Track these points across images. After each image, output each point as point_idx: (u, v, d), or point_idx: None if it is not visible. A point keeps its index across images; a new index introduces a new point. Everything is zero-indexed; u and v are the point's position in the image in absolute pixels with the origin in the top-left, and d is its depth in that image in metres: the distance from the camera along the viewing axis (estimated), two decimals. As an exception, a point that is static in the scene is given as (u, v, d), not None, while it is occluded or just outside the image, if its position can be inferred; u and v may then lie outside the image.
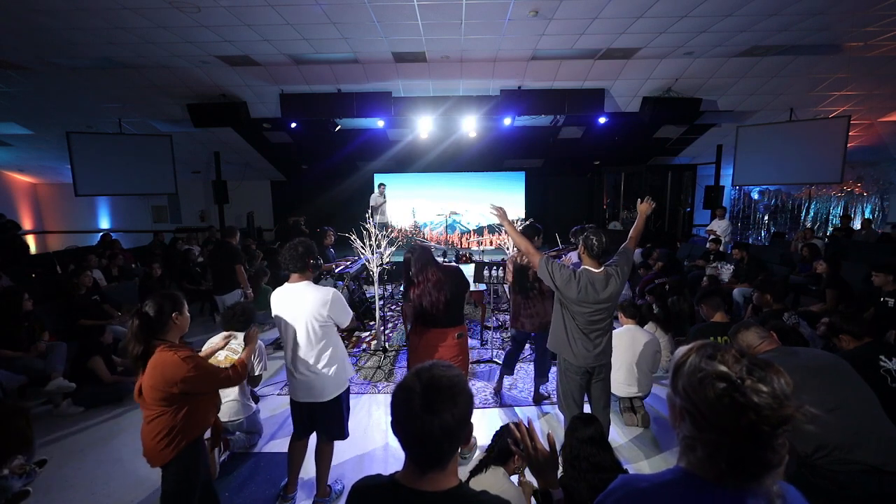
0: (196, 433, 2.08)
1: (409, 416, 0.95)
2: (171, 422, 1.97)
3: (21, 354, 4.00)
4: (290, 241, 2.54)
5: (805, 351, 2.22)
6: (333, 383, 2.53)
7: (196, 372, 1.96)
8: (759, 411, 0.76)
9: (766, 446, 0.77)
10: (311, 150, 10.38)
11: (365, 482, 1.09)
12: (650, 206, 2.92)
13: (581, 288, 2.50)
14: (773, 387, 0.78)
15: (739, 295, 5.51)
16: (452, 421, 0.94)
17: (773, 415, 0.76)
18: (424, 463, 0.99)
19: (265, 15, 4.69)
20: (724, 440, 0.80)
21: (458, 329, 2.91)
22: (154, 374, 1.92)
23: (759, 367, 0.81)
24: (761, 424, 0.76)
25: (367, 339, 5.50)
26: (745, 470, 0.79)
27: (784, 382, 0.79)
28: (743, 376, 0.79)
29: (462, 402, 0.97)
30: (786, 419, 0.76)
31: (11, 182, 11.79)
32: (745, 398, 0.77)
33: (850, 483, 1.79)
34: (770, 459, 0.77)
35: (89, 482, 3.01)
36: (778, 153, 7.67)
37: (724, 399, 0.79)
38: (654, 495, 0.88)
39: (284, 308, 2.47)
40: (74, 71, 6.16)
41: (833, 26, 5.08)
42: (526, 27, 5.07)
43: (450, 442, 0.96)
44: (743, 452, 0.79)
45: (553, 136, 9.96)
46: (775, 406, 0.76)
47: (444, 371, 1.00)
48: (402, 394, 0.98)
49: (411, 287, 2.89)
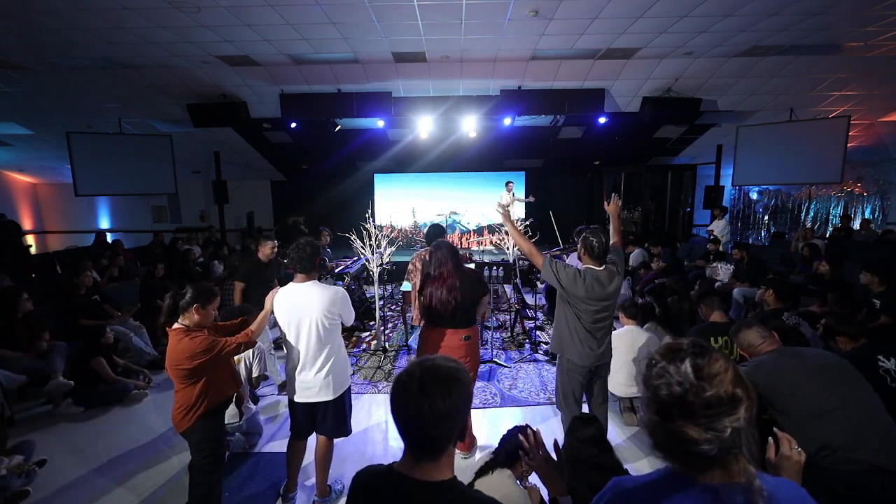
0: (211, 404, 2.32)
1: (404, 395, 1.01)
2: (190, 395, 2.26)
3: (21, 355, 4.00)
4: (294, 241, 2.54)
5: (807, 351, 2.22)
6: (339, 381, 2.54)
7: (202, 346, 2.21)
8: (653, 387, 0.86)
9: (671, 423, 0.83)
10: (311, 150, 10.37)
11: (366, 470, 1.15)
12: (617, 204, 2.88)
13: (588, 285, 2.52)
14: (678, 367, 0.84)
15: (739, 295, 5.50)
16: (443, 407, 0.98)
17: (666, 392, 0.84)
18: (418, 450, 1.04)
19: (265, 15, 4.69)
20: (645, 415, 0.90)
21: (466, 331, 2.90)
22: (171, 355, 2.23)
23: (691, 353, 0.86)
24: (654, 400, 0.86)
25: (367, 339, 5.50)
26: (666, 447, 0.86)
27: (695, 367, 0.84)
28: (662, 359, 0.88)
29: (456, 394, 1.00)
30: (679, 399, 0.82)
31: (11, 182, 11.79)
32: (650, 377, 0.88)
33: (854, 483, 1.79)
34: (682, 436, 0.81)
35: (89, 482, 3.01)
36: (778, 153, 7.66)
37: (644, 377, 0.91)
38: (640, 494, 0.93)
39: (290, 308, 2.45)
40: (74, 71, 6.15)
41: (833, 26, 5.08)
42: (526, 27, 5.06)
43: (439, 428, 1.00)
44: (654, 426, 0.86)
45: (553, 136, 9.95)
46: (668, 384, 0.84)
47: (445, 362, 1.06)
48: (402, 376, 1.05)
49: (428, 282, 2.88)
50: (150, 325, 5.15)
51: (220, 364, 2.36)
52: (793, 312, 3.89)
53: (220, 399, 2.40)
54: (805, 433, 1.90)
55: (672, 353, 0.88)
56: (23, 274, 6.33)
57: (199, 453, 2.34)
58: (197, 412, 2.27)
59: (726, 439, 0.79)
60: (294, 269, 2.48)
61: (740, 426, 0.80)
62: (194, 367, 2.20)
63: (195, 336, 2.23)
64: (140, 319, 5.23)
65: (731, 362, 0.86)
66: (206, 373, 2.27)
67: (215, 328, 2.50)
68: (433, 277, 2.86)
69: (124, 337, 4.76)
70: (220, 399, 2.39)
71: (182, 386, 2.27)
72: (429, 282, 2.88)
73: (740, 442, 0.80)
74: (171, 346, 2.24)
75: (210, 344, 2.24)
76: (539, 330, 5.71)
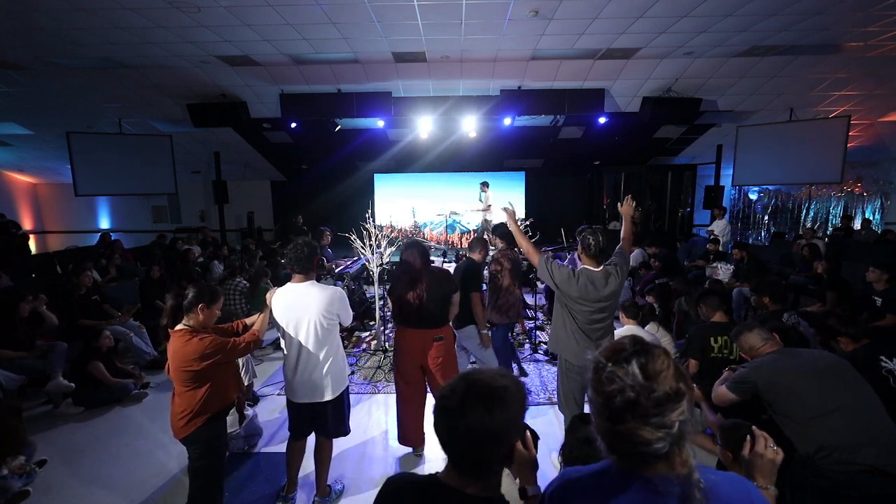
0: (215, 408, 2.23)
1: (441, 410, 0.97)
2: (193, 400, 2.16)
3: (23, 355, 4.00)
4: (293, 240, 2.53)
5: (807, 352, 2.21)
6: (338, 380, 2.54)
7: (212, 347, 2.14)
8: (604, 392, 0.85)
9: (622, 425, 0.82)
10: (311, 150, 10.38)
11: (399, 476, 1.12)
12: (631, 206, 2.86)
13: (581, 286, 2.52)
14: (626, 370, 0.84)
15: (739, 295, 5.50)
16: (480, 427, 0.92)
17: (617, 396, 0.83)
18: (458, 463, 0.99)
19: (265, 15, 4.69)
20: (596, 420, 0.89)
21: (437, 331, 2.90)
22: (175, 357, 2.14)
23: (634, 353, 0.86)
24: (607, 405, 0.84)
25: (367, 339, 5.50)
26: (618, 449, 0.86)
27: (641, 367, 0.83)
28: (608, 362, 0.87)
29: (498, 415, 0.93)
30: (630, 401, 0.82)
31: (11, 182, 11.79)
32: (598, 381, 0.87)
33: (851, 484, 1.79)
34: (633, 439, 0.81)
35: (89, 482, 3.01)
36: (778, 153, 7.66)
37: (591, 382, 0.89)
38: (582, 484, 0.96)
39: (288, 308, 2.44)
40: (74, 71, 6.15)
41: (833, 26, 5.08)
42: (526, 27, 5.06)
43: (478, 450, 0.95)
44: (606, 431, 0.86)
45: (553, 136, 9.95)
46: (620, 388, 0.83)
47: (492, 379, 0.98)
48: (446, 388, 1.00)
49: (395, 283, 2.91)
50: (150, 326, 5.14)
51: (227, 367, 2.30)
52: (792, 312, 3.89)
53: (224, 404, 2.32)
54: (804, 434, 1.90)
55: (616, 354, 0.87)
56: (23, 274, 6.33)
57: (201, 460, 2.24)
58: (200, 418, 2.17)
59: (675, 434, 0.81)
60: (292, 269, 2.47)
61: (686, 418, 0.82)
62: (202, 368, 2.12)
63: (203, 337, 2.14)
64: (140, 319, 5.23)
65: (670, 357, 0.87)
66: (213, 376, 2.18)
67: (214, 330, 2.43)
68: (400, 277, 2.87)
69: (124, 337, 4.76)
70: (224, 404, 2.31)
71: (185, 389, 2.16)
72: (397, 282, 2.89)
73: (685, 433, 0.83)
74: (175, 347, 2.14)
75: (220, 344, 2.16)
76: (539, 330, 5.70)
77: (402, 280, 2.88)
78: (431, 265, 3.03)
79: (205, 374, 2.15)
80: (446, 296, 2.92)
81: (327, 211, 11.82)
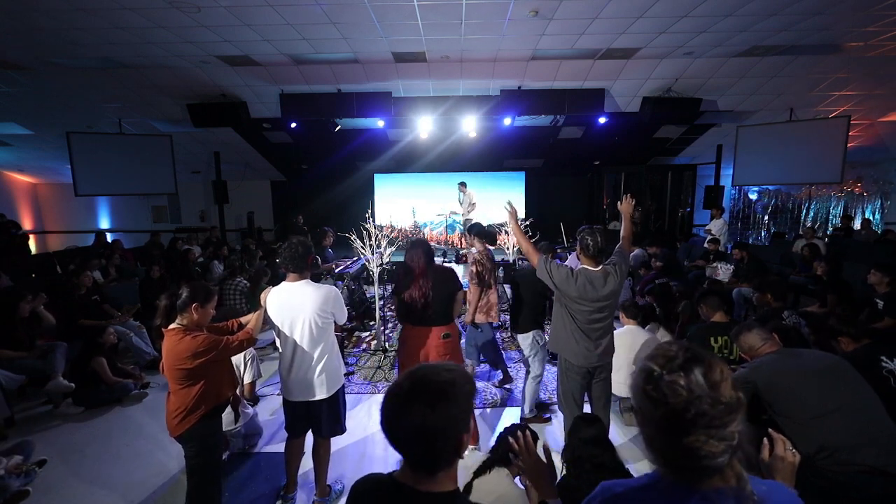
0: (210, 406, 2.25)
1: (387, 406, 0.97)
2: (187, 398, 2.18)
3: (23, 355, 4.00)
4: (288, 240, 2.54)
5: (807, 353, 2.21)
6: (333, 379, 2.54)
7: (205, 345, 2.16)
8: (667, 403, 0.79)
9: (688, 438, 0.78)
10: (311, 150, 10.37)
11: (365, 478, 1.11)
12: (630, 204, 2.84)
13: (579, 286, 2.52)
14: (690, 379, 0.79)
15: (739, 295, 5.50)
16: (422, 424, 0.91)
17: (686, 407, 0.78)
18: (411, 461, 0.99)
19: (265, 15, 4.69)
20: (652, 432, 0.83)
21: (444, 329, 2.91)
22: (168, 355, 2.17)
23: (689, 360, 0.82)
24: (673, 416, 0.79)
25: (367, 339, 5.50)
26: (680, 464, 0.81)
27: (704, 376, 0.79)
28: (662, 370, 0.81)
29: (441, 411, 0.92)
30: (700, 413, 0.77)
31: (11, 182, 11.79)
32: (658, 391, 0.81)
33: (851, 484, 1.79)
34: (700, 453, 0.77)
35: (89, 482, 3.01)
36: (778, 153, 7.66)
37: (644, 392, 0.83)
38: (629, 499, 0.91)
39: (284, 307, 2.45)
40: (74, 71, 6.15)
41: (833, 26, 5.08)
42: (526, 27, 5.06)
43: (423, 446, 0.94)
44: (668, 444, 0.81)
45: (553, 137, 9.95)
46: (688, 399, 0.78)
47: (438, 375, 0.97)
48: (393, 386, 1.01)
49: (401, 281, 2.91)
50: (150, 326, 5.15)
51: (220, 364, 2.32)
52: (792, 312, 3.89)
53: (219, 401, 2.33)
54: (804, 434, 1.90)
55: (670, 362, 0.82)
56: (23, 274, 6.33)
57: (196, 458, 2.27)
58: (194, 415, 2.19)
59: (735, 446, 0.78)
60: (286, 268, 2.47)
61: (741, 429, 0.79)
62: (195, 366, 2.14)
63: (196, 335, 2.17)
64: (140, 320, 5.23)
65: (724, 364, 0.84)
66: (206, 373, 2.20)
67: (209, 329, 2.44)
68: (405, 275, 2.88)
69: (124, 337, 4.76)
70: (218, 401, 2.32)
71: (179, 387, 2.19)
72: (402, 281, 2.90)
73: (742, 445, 0.80)
74: (169, 346, 2.17)
75: (212, 342, 2.18)
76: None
77: (407, 278, 2.89)
78: (435, 263, 3.04)
79: (198, 372, 2.17)
80: (451, 293, 2.93)
81: (327, 211, 11.81)
